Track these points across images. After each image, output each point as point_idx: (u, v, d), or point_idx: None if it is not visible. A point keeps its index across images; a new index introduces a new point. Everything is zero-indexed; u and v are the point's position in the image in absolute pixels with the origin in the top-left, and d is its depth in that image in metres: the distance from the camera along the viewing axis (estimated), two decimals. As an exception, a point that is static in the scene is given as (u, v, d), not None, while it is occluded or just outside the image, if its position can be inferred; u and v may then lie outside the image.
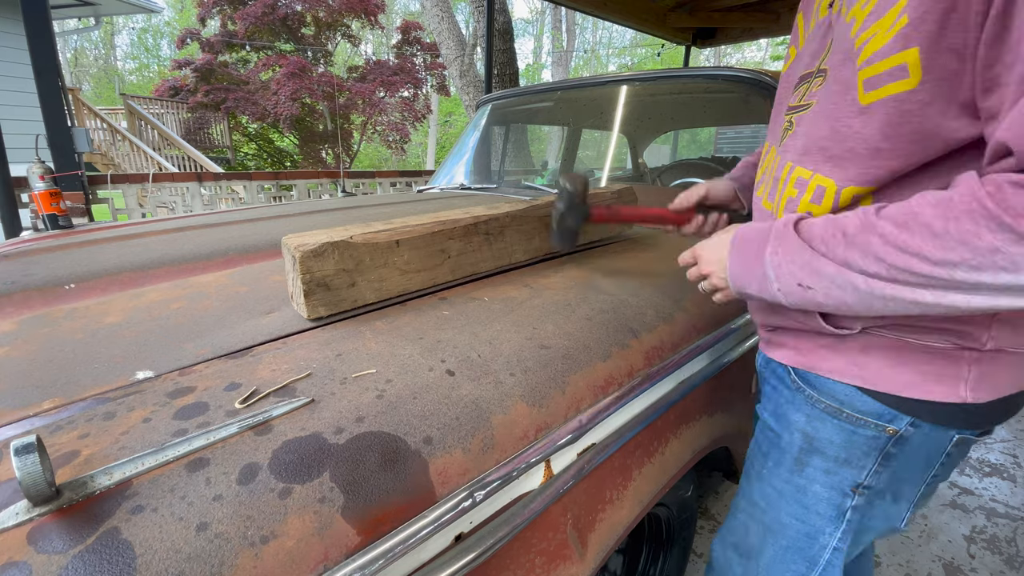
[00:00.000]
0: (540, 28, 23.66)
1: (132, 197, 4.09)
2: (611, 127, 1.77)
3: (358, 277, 0.74)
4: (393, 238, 0.77)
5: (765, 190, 0.69)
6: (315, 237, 0.72)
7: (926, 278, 0.44)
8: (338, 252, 0.71)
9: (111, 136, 8.04)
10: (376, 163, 17.43)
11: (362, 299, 0.75)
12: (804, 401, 0.66)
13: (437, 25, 5.40)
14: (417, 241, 0.80)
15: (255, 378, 0.57)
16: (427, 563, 0.49)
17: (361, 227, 0.78)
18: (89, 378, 0.59)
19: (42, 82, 2.81)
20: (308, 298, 0.70)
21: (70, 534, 0.38)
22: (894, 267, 0.45)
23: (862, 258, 0.47)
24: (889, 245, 0.45)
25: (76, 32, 9.35)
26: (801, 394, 0.67)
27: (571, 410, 0.65)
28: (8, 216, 3.00)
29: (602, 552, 0.69)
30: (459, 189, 1.92)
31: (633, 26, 3.87)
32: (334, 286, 0.72)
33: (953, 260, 0.42)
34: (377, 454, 0.49)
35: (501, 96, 2.12)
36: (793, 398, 0.68)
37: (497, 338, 0.69)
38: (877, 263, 0.46)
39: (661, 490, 0.80)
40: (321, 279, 0.70)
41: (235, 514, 0.41)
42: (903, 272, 0.45)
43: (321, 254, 0.70)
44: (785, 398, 0.69)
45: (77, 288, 0.89)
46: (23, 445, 0.36)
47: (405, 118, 11.24)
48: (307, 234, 0.74)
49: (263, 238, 1.15)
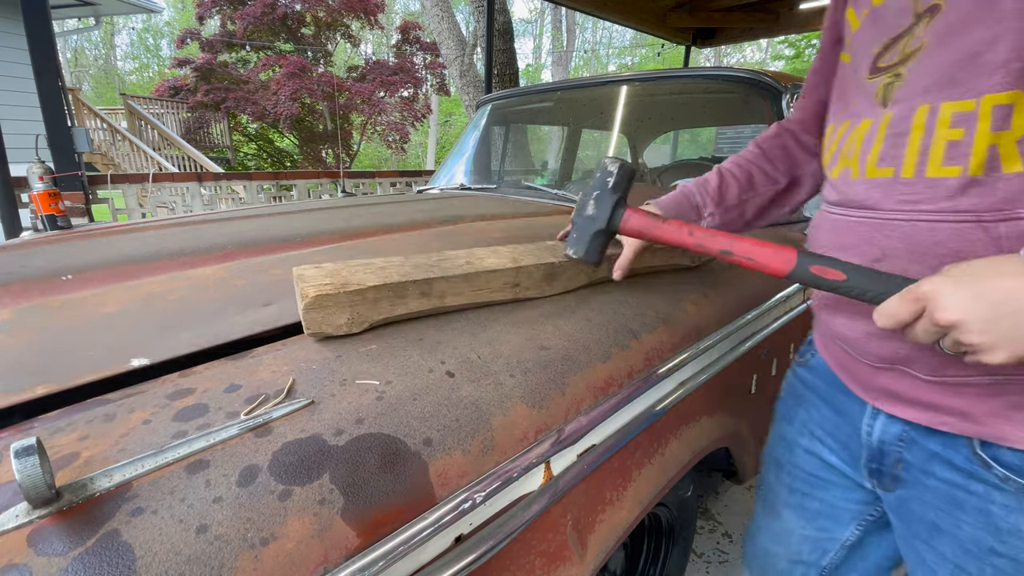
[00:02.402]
0: (540, 28, 23.66)
1: (132, 197, 4.09)
2: (611, 127, 1.77)
3: (367, 315, 0.68)
4: (414, 285, 0.68)
5: (869, 158, 0.53)
6: (331, 281, 0.63)
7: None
8: (351, 306, 0.65)
9: (111, 136, 8.04)
10: (376, 163, 17.42)
11: (369, 323, 0.69)
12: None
13: (437, 25, 5.40)
14: (455, 288, 0.72)
15: (255, 379, 0.57)
16: (427, 565, 0.49)
17: (381, 269, 0.69)
18: (84, 364, 0.59)
19: (42, 82, 2.82)
20: (310, 330, 0.65)
21: (70, 536, 0.38)
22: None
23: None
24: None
25: (76, 32, 9.35)
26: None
27: (571, 411, 0.65)
28: (8, 216, 3.00)
29: (602, 553, 0.69)
30: (459, 189, 1.93)
31: (633, 26, 3.87)
32: (343, 326, 0.66)
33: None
34: (377, 456, 0.49)
35: (501, 96, 2.12)
36: (1021, 504, 0.49)
37: (497, 339, 0.69)
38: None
39: (661, 491, 0.80)
40: (328, 324, 0.65)
41: (235, 516, 0.41)
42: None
43: (332, 307, 0.63)
44: (1000, 504, 0.50)
45: (74, 279, 0.89)
46: (23, 447, 0.36)
47: (405, 118, 11.24)
48: (321, 277, 0.65)
49: (262, 233, 1.15)
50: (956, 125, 0.46)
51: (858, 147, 0.55)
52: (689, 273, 1.00)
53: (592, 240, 0.65)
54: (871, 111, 0.54)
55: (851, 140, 0.57)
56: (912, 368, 0.53)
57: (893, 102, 0.51)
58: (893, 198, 0.51)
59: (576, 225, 0.66)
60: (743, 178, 0.81)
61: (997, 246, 0.44)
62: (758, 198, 0.82)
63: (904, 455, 0.58)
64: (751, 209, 0.82)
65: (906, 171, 0.49)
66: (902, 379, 0.55)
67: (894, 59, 0.52)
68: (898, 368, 0.55)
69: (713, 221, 0.82)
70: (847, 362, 0.63)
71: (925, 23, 0.48)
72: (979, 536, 0.53)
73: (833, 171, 0.60)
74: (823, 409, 0.70)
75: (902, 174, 0.50)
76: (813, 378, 0.72)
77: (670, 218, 0.66)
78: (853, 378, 0.63)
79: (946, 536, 0.56)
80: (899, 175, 0.50)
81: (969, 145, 0.45)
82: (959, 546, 0.55)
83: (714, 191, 0.82)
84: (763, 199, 0.82)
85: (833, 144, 0.61)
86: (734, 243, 0.58)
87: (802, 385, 0.75)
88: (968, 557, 0.54)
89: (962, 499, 0.54)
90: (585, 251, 0.65)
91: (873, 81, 0.54)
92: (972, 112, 0.45)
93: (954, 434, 0.53)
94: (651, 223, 0.63)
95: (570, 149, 2.39)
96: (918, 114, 0.48)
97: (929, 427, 0.54)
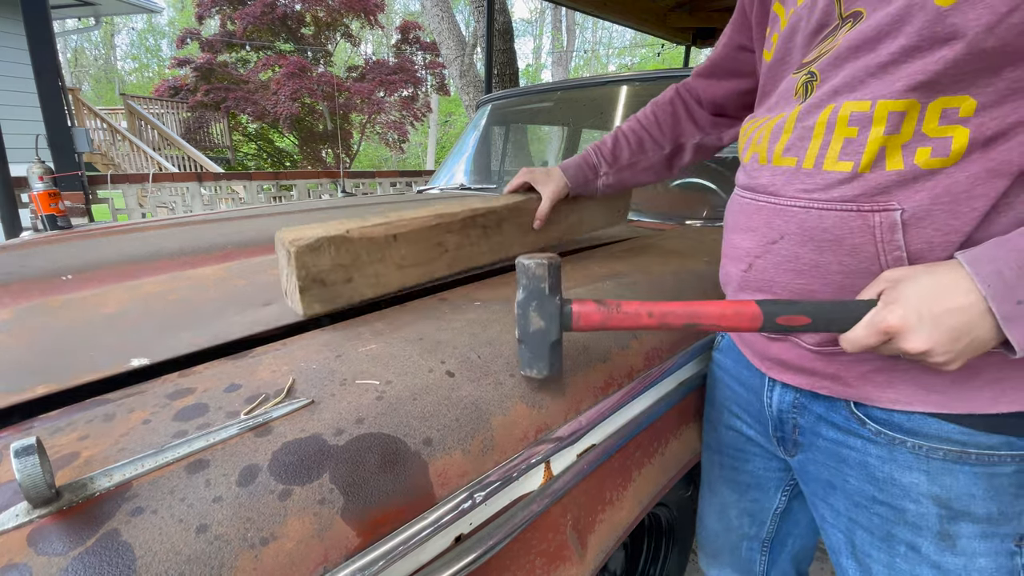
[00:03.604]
0: (540, 28, 23.67)
1: (132, 197, 4.09)
2: (611, 127, 1.77)
3: (355, 272, 0.73)
4: (390, 232, 0.76)
5: (776, 147, 0.58)
6: (310, 231, 0.70)
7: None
8: (334, 247, 0.70)
9: (111, 136, 8.05)
10: (376, 163, 17.43)
11: (359, 295, 0.75)
12: (910, 455, 0.54)
13: (437, 25, 5.40)
14: (414, 235, 0.79)
15: (255, 379, 0.57)
16: (427, 564, 0.49)
17: (357, 222, 0.77)
18: (84, 364, 0.59)
19: (42, 82, 2.82)
20: (304, 294, 0.69)
21: (70, 536, 0.38)
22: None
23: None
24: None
25: (76, 32, 9.36)
26: (901, 447, 0.55)
27: (571, 411, 0.65)
28: (8, 216, 3.00)
29: (602, 553, 0.69)
30: (459, 189, 1.93)
31: (633, 26, 3.87)
32: (330, 282, 0.71)
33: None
34: (377, 455, 0.49)
35: (501, 96, 2.12)
36: (891, 455, 0.56)
37: (497, 339, 0.69)
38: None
39: (661, 491, 0.80)
40: (316, 275, 0.69)
41: (235, 516, 0.41)
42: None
43: (316, 249, 0.68)
44: (875, 456, 0.57)
45: (74, 279, 0.89)
46: (23, 447, 0.36)
47: (404, 117, 11.24)
48: (302, 228, 0.72)
49: (262, 233, 1.15)
50: (853, 124, 0.50)
51: (767, 136, 0.60)
52: (690, 272, 1.00)
53: (551, 353, 0.59)
54: (787, 105, 0.59)
55: (764, 129, 0.61)
56: (801, 339, 0.60)
57: (807, 97, 0.56)
58: (793, 186, 0.55)
59: (527, 344, 0.59)
60: (635, 142, 0.93)
61: (872, 233, 0.50)
62: (646, 160, 0.94)
63: (799, 420, 0.65)
64: (640, 169, 0.95)
65: (807, 162, 0.54)
66: (791, 349, 0.62)
67: (811, 57, 0.56)
68: (790, 339, 0.61)
69: (607, 180, 0.96)
70: (748, 337, 0.70)
71: (848, 27, 0.52)
72: (862, 487, 0.59)
73: (746, 156, 0.65)
74: (734, 386, 0.76)
75: (804, 165, 0.54)
76: (723, 358, 0.79)
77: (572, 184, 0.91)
78: (752, 350, 0.70)
79: (838, 491, 0.62)
80: (801, 165, 0.54)
81: (863, 144, 0.49)
82: (848, 499, 0.61)
83: (608, 153, 0.94)
84: (650, 161, 0.94)
85: (750, 131, 0.65)
86: (697, 312, 0.55)
87: (717, 367, 0.81)
88: (857, 509, 0.60)
89: (845, 455, 0.60)
90: (549, 367, 0.60)
91: (796, 76, 0.58)
92: (868, 114, 0.49)
93: (833, 397, 0.59)
94: (605, 315, 0.58)
95: (570, 149, 2.39)
96: (825, 111, 0.52)
97: (813, 392, 0.61)
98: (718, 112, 0.89)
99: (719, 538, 0.88)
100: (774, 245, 0.58)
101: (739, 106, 0.85)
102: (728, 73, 0.83)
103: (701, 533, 0.92)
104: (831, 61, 0.53)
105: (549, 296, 0.58)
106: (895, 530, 0.57)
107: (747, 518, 0.82)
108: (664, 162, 0.94)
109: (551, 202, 0.96)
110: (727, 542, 0.86)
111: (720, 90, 0.85)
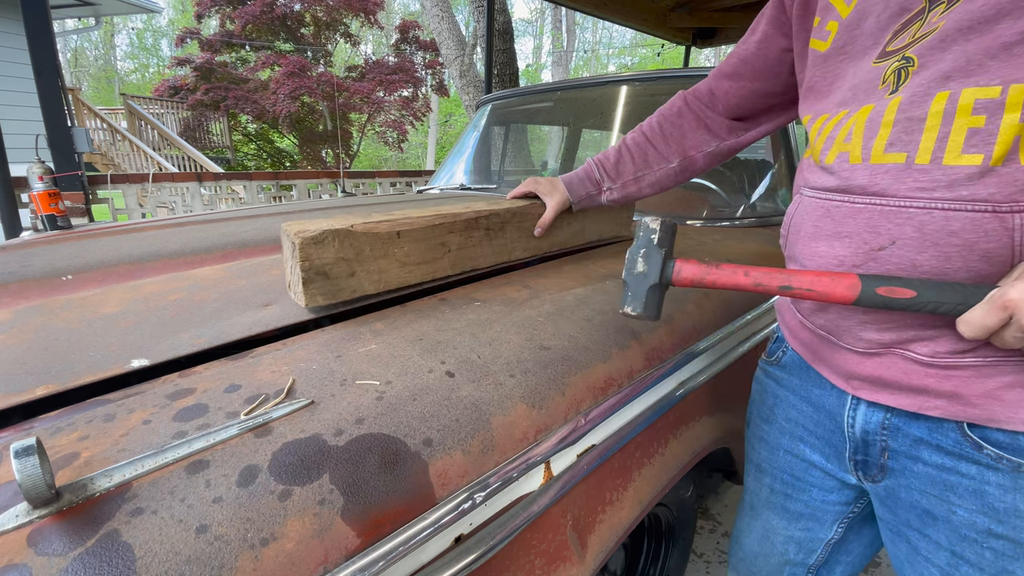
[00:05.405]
0: (540, 28, 23.67)
1: (132, 197, 4.09)
2: (611, 127, 1.77)
3: (358, 267, 0.74)
4: (394, 229, 0.77)
5: (875, 143, 0.52)
6: (316, 225, 0.71)
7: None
8: (339, 240, 0.71)
9: (111, 136, 8.04)
10: (376, 163, 17.43)
11: (361, 290, 0.75)
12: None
13: (437, 25, 5.40)
14: (418, 233, 0.80)
15: (255, 379, 0.57)
16: (427, 565, 0.49)
17: (362, 217, 0.78)
18: (84, 365, 0.59)
19: (42, 82, 2.82)
20: (307, 286, 0.69)
21: (70, 536, 0.38)
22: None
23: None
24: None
25: (76, 32, 9.35)
26: None
27: (571, 411, 0.65)
28: (8, 216, 3.00)
29: (602, 553, 0.69)
30: (459, 189, 1.93)
31: (633, 26, 3.87)
32: (333, 275, 0.71)
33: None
34: (377, 456, 0.49)
35: (501, 96, 2.12)
36: (1017, 483, 0.50)
37: (497, 339, 0.69)
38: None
39: (661, 491, 0.80)
40: (320, 267, 0.70)
41: (235, 516, 0.41)
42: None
43: (321, 242, 0.69)
44: (996, 484, 0.51)
45: (75, 279, 0.89)
46: (23, 447, 0.36)
47: (403, 116, 11.24)
48: (307, 222, 0.73)
49: (262, 234, 1.15)
50: (979, 112, 0.45)
51: (860, 131, 0.53)
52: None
53: (648, 295, 0.65)
54: (872, 96, 0.53)
55: (849, 125, 0.55)
56: (913, 350, 0.53)
57: (904, 87, 0.50)
58: (905, 184, 0.49)
59: (629, 283, 0.66)
60: (639, 157, 0.89)
61: (1010, 237, 0.44)
62: (652, 175, 0.90)
63: (889, 443, 0.58)
64: (647, 184, 0.91)
65: (921, 157, 0.48)
66: (894, 363, 0.55)
67: (903, 43, 0.50)
68: (895, 351, 0.54)
69: (612, 195, 0.92)
70: (827, 353, 0.63)
71: (942, 8, 0.47)
72: (975, 519, 0.53)
73: (828, 156, 0.58)
74: (801, 406, 0.70)
75: (916, 160, 0.48)
76: (787, 375, 0.72)
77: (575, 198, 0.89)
78: (833, 368, 0.63)
79: (940, 522, 0.56)
80: (912, 161, 0.49)
81: (993, 134, 0.44)
82: (954, 532, 0.55)
83: (612, 168, 0.91)
84: (656, 176, 0.90)
85: (826, 130, 0.59)
86: (792, 278, 0.56)
87: (776, 384, 0.74)
88: (965, 543, 0.54)
89: (954, 482, 0.54)
90: (643, 306, 0.65)
91: (880, 65, 0.53)
92: (999, 100, 0.44)
93: (941, 418, 0.53)
94: (704, 270, 0.62)
95: (570, 149, 2.39)
96: (938, 99, 0.47)
97: (914, 412, 0.55)
98: (735, 116, 0.85)
99: (758, 561, 0.82)
100: (881, 252, 0.51)
101: (759, 109, 0.82)
102: (757, 73, 0.77)
103: (737, 554, 0.85)
104: (934, 44, 0.47)
105: (656, 247, 0.65)
106: (1013, 567, 0.52)
107: (794, 545, 0.77)
108: (674, 175, 0.90)
109: (555, 212, 0.95)
110: (767, 566, 0.81)
111: (743, 91, 0.80)
